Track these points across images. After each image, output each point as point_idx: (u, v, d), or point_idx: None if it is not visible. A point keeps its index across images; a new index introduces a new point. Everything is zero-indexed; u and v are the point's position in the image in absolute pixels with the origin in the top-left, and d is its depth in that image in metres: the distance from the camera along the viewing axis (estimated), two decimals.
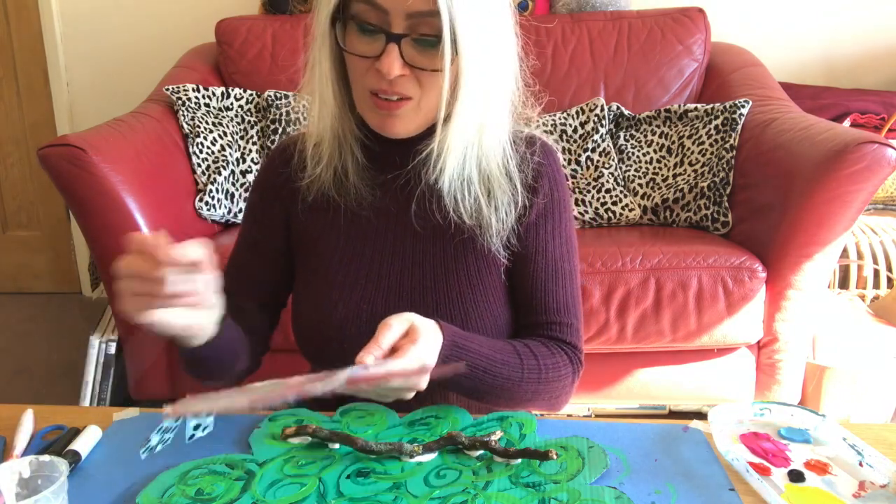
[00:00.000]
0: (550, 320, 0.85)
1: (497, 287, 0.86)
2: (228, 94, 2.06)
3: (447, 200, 0.81)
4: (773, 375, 1.64)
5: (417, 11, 0.70)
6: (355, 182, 0.84)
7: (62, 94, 2.61)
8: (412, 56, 0.72)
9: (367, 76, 0.75)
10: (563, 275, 0.86)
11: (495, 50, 0.76)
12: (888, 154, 1.43)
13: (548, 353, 0.83)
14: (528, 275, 0.85)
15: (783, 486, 0.67)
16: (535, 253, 0.85)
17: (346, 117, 0.82)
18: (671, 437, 0.75)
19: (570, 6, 2.29)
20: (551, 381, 0.82)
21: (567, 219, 0.88)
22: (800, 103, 1.92)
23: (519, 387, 0.80)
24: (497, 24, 0.75)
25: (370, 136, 0.83)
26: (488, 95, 0.77)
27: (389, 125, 0.77)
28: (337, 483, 0.67)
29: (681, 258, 1.57)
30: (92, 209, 1.55)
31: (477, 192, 0.81)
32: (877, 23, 2.39)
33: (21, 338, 2.48)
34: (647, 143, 2.01)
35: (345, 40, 0.75)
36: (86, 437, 0.74)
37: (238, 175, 1.96)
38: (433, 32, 0.71)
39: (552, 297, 0.85)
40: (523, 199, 0.83)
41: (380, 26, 0.72)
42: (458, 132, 0.76)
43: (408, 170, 0.82)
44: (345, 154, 0.83)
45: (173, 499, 0.65)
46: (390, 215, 0.86)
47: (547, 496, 0.65)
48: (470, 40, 0.72)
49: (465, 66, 0.73)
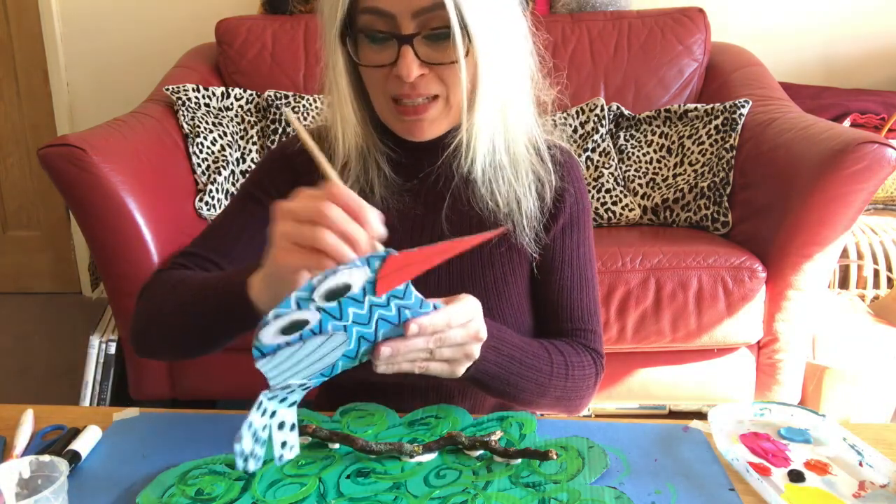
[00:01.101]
0: (575, 327, 0.86)
1: (522, 293, 0.86)
2: (228, 94, 2.06)
3: (483, 190, 0.81)
4: (773, 375, 1.64)
5: (422, 7, 0.70)
6: (381, 193, 0.83)
7: (62, 94, 2.61)
8: (427, 53, 0.72)
9: (388, 84, 0.74)
10: (587, 283, 0.87)
11: (505, 30, 0.76)
12: (888, 154, 1.43)
13: (573, 352, 0.83)
14: (555, 283, 0.86)
15: (783, 486, 0.67)
16: (562, 262, 0.85)
17: (369, 132, 0.81)
18: (671, 437, 0.75)
19: (570, 6, 2.29)
20: (577, 379, 0.82)
21: (590, 227, 0.88)
22: (800, 103, 1.92)
23: (550, 382, 0.79)
24: (502, 3, 0.75)
25: (395, 148, 0.82)
26: (506, 76, 0.77)
27: (418, 130, 0.77)
28: (337, 483, 0.67)
29: (681, 258, 1.57)
30: (92, 209, 1.54)
31: (509, 176, 0.81)
32: (877, 23, 2.39)
33: (21, 338, 2.48)
34: (647, 143, 2.01)
35: (357, 54, 0.75)
36: (86, 437, 0.74)
37: (238, 175, 1.96)
38: (442, 25, 0.71)
39: (577, 305, 0.86)
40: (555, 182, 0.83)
41: (389, 32, 0.71)
42: (483, 117, 0.76)
43: (438, 165, 0.81)
44: (371, 170, 0.82)
45: (173, 499, 0.65)
46: (417, 220, 0.85)
47: (547, 496, 0.65)
48: (480, 24, 0.71)
49: (480, 51, 0.72)
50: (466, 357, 0.68)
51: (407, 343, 0.62)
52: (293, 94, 2.05)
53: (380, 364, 0.63)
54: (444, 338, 0.64)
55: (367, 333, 0.60)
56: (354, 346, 0.61)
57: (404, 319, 0.61)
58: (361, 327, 0.59)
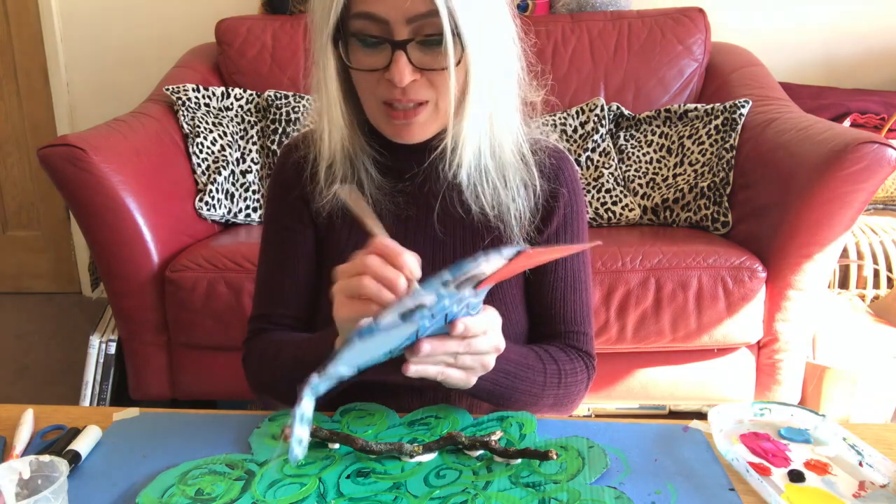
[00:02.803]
0: (568, 329, 0.87)
1: (517, 294, 0.86)
2: (228, 94, 2.06)
3: (467, 194, 0.82)
4: (773, 375, 1.64)
5: (417, 14, 0.70)
6: (372, 194, 0.83)
7: (62, 94, 2.61)
8: (419, 59, 0.72)
9: (379, 88, 0.74)
10: (580, 285, 0.87)
11: (497, 36, 0.76)
12: (888, 154, 1.43)
13: (567, 359, 0.84)
14: (548, 284, 0.86)
15: (783, 486, 0.67)
16: (556, 264, 0.86)
17: (356, 135, 0.82)
18: (671, 437, 0.75)
19: (570, 6, 2.29)
20: (570, 385, 0.83)
21: (584, 229, 0.89)
22: (800, 103, 1.92)
23: (543, 391, 0.81)
24: (494, 10, 0.75)
25: (382, 151, 0.82)
26: (495, 84, 0.77)
27: (407, 133, 0.77)
28: (337, 483, 0.67)
29: (681, 258, 1.57)
30: (92, 209, 1.55)
31: (494, 180, 0.82)
32: (877, 23, 2.39)
33: (21, 338, 2.48)
34: (647, 143, 2.01)
35: (349, 58, 0.75)
36: (86, 437, 0.74)
37: (238, 175, 1.96)
38: (436, 31, 0.71)
39: (570, 307, 0.86)
40: (542, 188, 0.84)
41: (382, 37, 0.72)
42: (471, 123, 0.77)
43: (424, 168, 0.82)
44: (358, 171, 0.83)
45: (173, 499, 0.65)
46: (410, 223, 0.85)
47: (547, 496, 0.65)
48: (472, 32, 0.72)
49: (472, 58, 0.73)
50: (483, 367, 0.70)
51: (444, 343, 0.65)
52: (293, 94, 2.05)
53: (414, 362, 0.65)
54: (473, 344, 0.66)
55: (424, 327, 0.62)
56: (409, 339, 0.63)
57: (452, 318, 0.63)
58: (429, 320, 0.61)
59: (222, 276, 1.59)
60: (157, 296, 1.62)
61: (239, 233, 1.88)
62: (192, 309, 1.60)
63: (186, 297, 1.59)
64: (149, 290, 1.61)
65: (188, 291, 1.59)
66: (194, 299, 1.59)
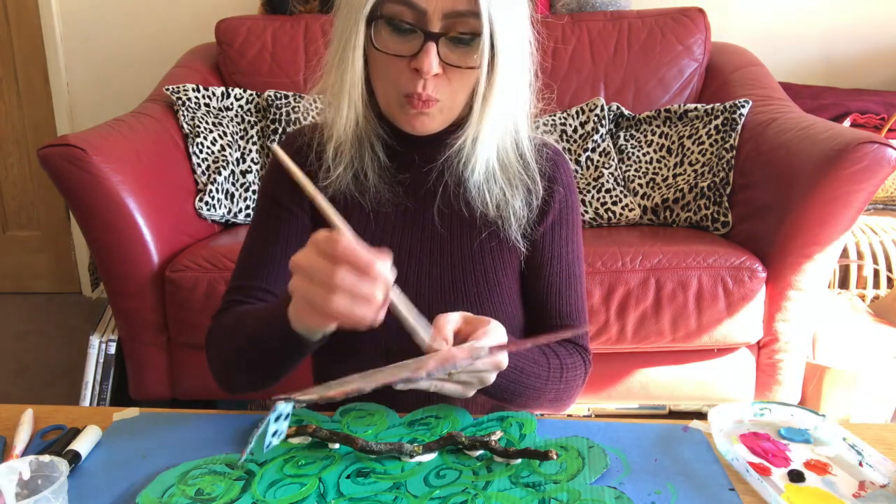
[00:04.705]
0: (564, 324, 0.87)
1: (513, 288, 0.87)
2: (228, 94, 2.06)
3: (474, 193, 0.82)
4: (773, 375, 1.64)
5: (456, 11, 0.71)
6: (375, 182, 0.84)
7: (62, 94, 2.61)
8: (447, 55, 0.73)
9: (402, 77, 0.75)
10: (575, 280, 0.88)
11: (523, 44, 0.78)
12: (888, 154, 1.43)
13: (566, 353, 0.85)
14: (544, 279, 0.87)
15: (783, 486, 0.67)
16: (551, 258, 0.87)
17: (371, 117, 0.82)
18: (671, 437, 0.75)
19: (570, 6, 2.29)
20: (570, 380, 0.84)
21: (578, 224, 0.90)
22: (800, 103, 1.92)
23: (546, 386, 0.81)
24: (523, 18, 0.77)
25: (392, 135, 0.83)
26: (518, 88, 0.78)
27: (420, 123, 0.77)
28: (337, 483, 0.67)
29: (681, 258, 1.57)
30: (92, 209, 1.54)
31: (502, 181, 0.83)
32: (877, 23, 2.39)
33: (21, 338, 2.48)
34: (647, 143, 2.01)
35: (375, 39, 0.75)
36: (86, 437, 0.74)
37: (238, 175, 1.96)
38: (469, 31, 0.72)
39: (565, 301, 0.87)
40: (541, 190, 0.85)
41: (416, 25, 0.72)
42: (491, 126, 0.78)
43: (439, 164, 0.82)
44: (366, 155, 0.83)
45: (173, 499, 0.65)
46: (409, 213, 0.86)
47: (547, 496, 0.65)
48: (506, 38, 0.73)
49: (502, 63, 0.74)
50: (480, 382, 0.70)
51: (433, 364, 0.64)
52: (293, 94, 2.05)
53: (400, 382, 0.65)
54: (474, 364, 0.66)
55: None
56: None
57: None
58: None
59: (222, 276, 1.58)
60: (157, 296, 1.62)
61: (239, 233, 1.88)
62: (192, 309, 1.60)
63: (186, 297, 1.59)
64: (149, 290, 1.61)
65: (188, 291, 1.58)
66: (194, 299, 1.59)
